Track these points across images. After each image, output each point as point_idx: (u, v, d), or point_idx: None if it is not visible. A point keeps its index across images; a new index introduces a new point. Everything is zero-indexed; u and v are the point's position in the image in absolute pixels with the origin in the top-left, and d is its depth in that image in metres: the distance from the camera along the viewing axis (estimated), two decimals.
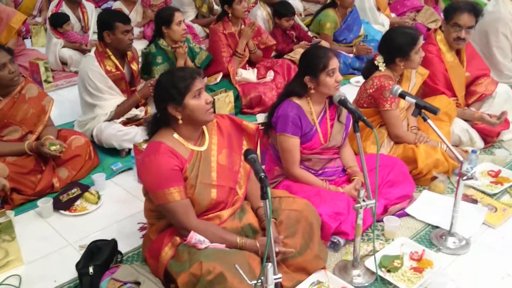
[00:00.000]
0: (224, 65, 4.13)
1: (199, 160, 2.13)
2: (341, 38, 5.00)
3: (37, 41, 6.08)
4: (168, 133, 2.12)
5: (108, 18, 3.34)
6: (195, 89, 2.05)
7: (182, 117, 2.07)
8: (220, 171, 2.17)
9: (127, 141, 3.34)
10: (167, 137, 2.11)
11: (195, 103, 2.05)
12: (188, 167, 2.09)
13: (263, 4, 4.90)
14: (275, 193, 2.34)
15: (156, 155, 2.04)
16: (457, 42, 3.24)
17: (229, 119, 2.32)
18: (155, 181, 2.04)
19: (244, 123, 2.33)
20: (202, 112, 2.07)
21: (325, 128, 2.61)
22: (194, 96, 2.05)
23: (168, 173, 2.03)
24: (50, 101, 3.13)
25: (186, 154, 2.11)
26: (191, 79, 2.05)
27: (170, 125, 2.13)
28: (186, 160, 2.10)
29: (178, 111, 2.06)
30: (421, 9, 5.89)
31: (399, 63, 2.94)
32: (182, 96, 2.04)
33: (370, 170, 2.56)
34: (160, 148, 2.05)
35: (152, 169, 2.04)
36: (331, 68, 2.46)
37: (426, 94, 3.33)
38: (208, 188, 2.12)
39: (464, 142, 3.27)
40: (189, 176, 2.09)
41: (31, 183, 2.92)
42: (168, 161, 2.04)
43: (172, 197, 2.03)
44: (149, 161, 2.05)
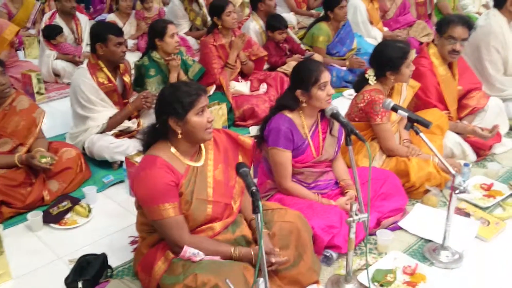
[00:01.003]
0: (216, 76, 4.13)
1: (195, 175, 2.11)
2: (334, 51, 5.02)
3: (30, 53, 6.08)
4: (165, 147, 2.10)
5: (101, 30, 3.33)
6: (199, 106, 2.03)
7: (182, 132, 2.05)
8: (216, 186, 2.15)
9: (119, 154, 3.32)
10: (164, 151, 2.08)
11: (197, 120, 2.03)
12: (183, 182, 2.06)
13: (256, 17, 4.93)
14: (267, 205, 2.33)
15: (152, 169, 2.01)
16: (452, 55, 3.26)
17: (225, 133, 2.30)
18: (150, 196, 2.01)
19: (241, 138, 2.31)
20: (202, 130, 2.05)
21: (317, 142, 2.60)
22: (197, 113, 2.02)
23: (163, 188, 2.00)
24: (41, 113, 3.11)
25: (182, 169, 2.09)
26: (196, 95, 2.03)
27: (168, 138, 2.11)
28: (182, 175, 2.07)
29: (179, 126, 2.03)
30: (414, 24, 5.93)
31: (390, 76, 2.95)
32: (185, 112, 2.01)
33: (363, 183, 2.55)
34: (156, 162, 2.02)
35: (147, 184, 2.01)
36: (323, 81, 2.46)
37: (419, 107, 3.34)
38: (204, 204, 2.10)
39: (456, 155, 3.28)
40: (184, 192, 2.06)
41: (21, 196, 2.89)
42: (164, 176, 2.01)
43: (166, 213, 2.00)
44: (144, 175, 2.02)
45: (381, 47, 3.06)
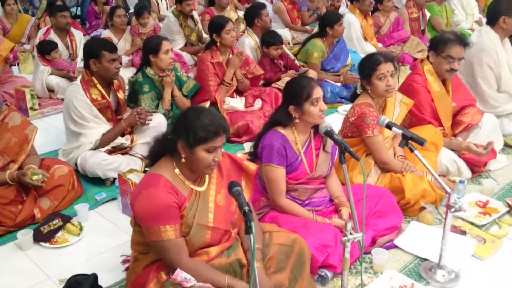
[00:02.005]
0: (211, 93, 4.12)
1: (198, 200, 2.07)
2: (329, 67, 5.04)
3: (24, 68, 6.06)
4: (169, 167, 2.05)
5: (94, 47, 3.32)
6: (212, 145, 1.98)
7: (186, 157, 2.01)
8: (217, 212, 2.10)
9: (112, 170, 3.29)
10: (168, 171, 2.04)
11: (204, 156, 1.98)
12: (187, 206, 2.02)
13: (251, 33, 4.94)
14: (264, 228, 2.30)
15: (156, 188, 1.96)
16: (450, 73, 3.28)
17: (229, 157, 2.25)
18: (151, 216, 1.95)
19: (245, 163, 2.26)
20: (204, 166, 2.01)
21: (310, 158, 2.59)
22: (208, 149, 1.98)
23: (165, 209, 1.95)
24: (33, 130, 3.08)
25: (185, 192, 2.04)
26: (214, 134, 1.96)
27: (173, 157, 2.06)
28: (185, 198, 2.03)
29: (185, 151, 1.99)
30: (408, 40, 5.97)
31: (366, 86, 2.98)
32: (195, 144, 1.95)
33: (357, 200, 2.53)
34: (160, 182, 1.98)
35: (149, 203, 1.95)
36: (315, 97, 2.45)
37: (413, 124, 3.33)
38: (204, 230, 2.05)
39: (451, 172, 3.27)
40: (186, 216, 2.02)
41: (12, 214, 2.84)
42: (167, 196, 1.96)
43: (166, 235, 1.95)
44: (147, 194, 1.96)
45: (361, 59, 3.14)
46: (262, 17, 4.91)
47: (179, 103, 3.92)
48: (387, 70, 2.89)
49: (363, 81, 2.99)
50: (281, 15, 7.17)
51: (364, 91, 3.03)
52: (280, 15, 7.15)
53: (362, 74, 2.99)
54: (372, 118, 2.87)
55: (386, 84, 2.90)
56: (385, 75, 2.89)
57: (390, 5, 5.96)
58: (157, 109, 3.75)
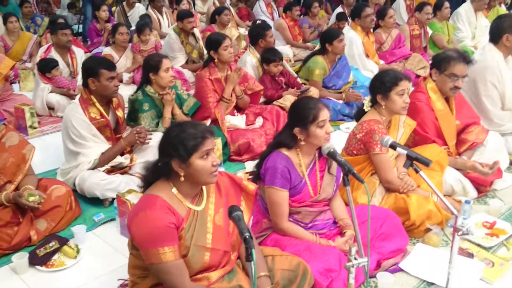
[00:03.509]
0: (211, 110, 4.08)
1: (196, 219, 2.01)
2: (330, 85, 5.00)
3: (25, 86, 6.04)
4: (166, 187, 2.00)
5: (93, 65, 3.29)
6: (204, 149, 1.94)
7: (185, 175, 1.95)
8: (216, 232, 2.04)
9: (111, 190, 3.23)
10: (165, 191, 1.98)
11: (201, 163, 1.94)
12: (184, 227, 1.96)
13: (253, 51, 4.91)
14: (266, 252, 2.24)
15: (152, 209, 1.91)
16: (454, 91, 3.25)
17: (228, 177, 2.21)
18: (149, 238, 1.89)
19: (244, 182, 2.21)
20: (206, 174, 1.96)
21: (314, 180, 2.52)
22: (202, 156, 1.93)
23: (163, 230, 1.89)
24: (31, 150, 3.02)
25: (183, 212, 1.99)
26: (202, 138, 1.94)
27: (170, 178, 2.01)
28: (183, 218, 1.97)
29: (182, 168, 1.94)
30: (410, 57, 5.94)
31: (381, 101, 2.92)
32: (189, 155, 1.92)
33: (362, 222, 2.47)
34: (156, 203, 1.92)
35: (146, 225, 1.89)
36: (322, 119, 2.40)
37: (417, 143, 3.28)
38: (202, 251, 1.99)
39: (457, 192, 3.20)
40: (184, 237, 1.96)
41: (7, 236, 2.78)
42: (164, 217, 1.90)
43: (165, 257, 1.89)
44: (144, 216, 1.90)
45: (377, 73, 3.13)
46: (267, 38, 4.89)
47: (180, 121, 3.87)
48: (407, 87, 2.89)
49: (379, 96, 2.92)
50: (283, 32, 7.18)
51: (372, 108, 2.99)
52: (282, 32, 7.15)
53: (380, 89, 2.91)
54: (380, 135, 2.82)
55: (404, 100, 2.88)
56: (404, 92, 2.88)
57: (392, 21, 5.95)
58: (157, 127, 3.71)
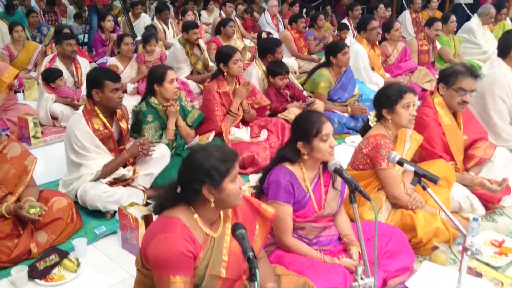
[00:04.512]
0: (217, 123, 4.06)
1: (212, 247, 1.95)
2: (336, 97, 4.97)
3: (29, 95, 6.05)
4: (188, 211, 1.93)
5: (97, 76, 3.26)
6: (234, 172, 1.90)
7: (215, 200, 1.90)
8: (231, 260, 1.97)
9: (113, 203, 3.19)
10: (186, 215, 1.92)
11: (232, 187, 1.89)
12: (201, 256, 1.90)
13: (259, 63, 4.89)
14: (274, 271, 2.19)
15: (172, 233, 1.84)
16: (462, 106, 3.21)
17: (245, 200, 2.13)
18: (163, 263, 1.83)
19: (263, 206, 2.16)
20: (236, 197, 1.92)
21: (319, 195, 2.48)
22: (232, 180, 1.89)
23: (179, 258, 1.83)
24: (33, 161, 2.99)
25: (201, 239, 1.92)
26: (232, 161, 1.90)
27: (191, 203, 1.94)
28: (200, 246, 1.91)
29: (212, 194, 1.88)
30: (416, 70, 5.91)
31: (387, 116, 2.89)
32: (222, 179, 1.87)
33: (367, 239, 2.41)
34: (177, 227, 1.86)
35: (163, 249, 1.83)
36: (325, 133, 2.36)
37: (424, 158, 3.24)
38: (215, 280, 1.93)
39: (464, 209, 3.14)
40: (199, 267, 1.90)
41: (7, 248, 2.73)
42: (182, 244, 1.83)
43: (175, 286, 1.82)
44: (163, 239, 1.83)
45: (382, 88, 3.10)
46: (276, 53, 4.86)
47: (183, 133, 3.85)
48: (412, 100, 2.86)
49: (384, 110, 2.89)
50: (288, 44, 7.16)
51: (378, 123, 2.95)
52: (287, 44, 7.13)
53: (385, 103, 2.88)
54: (387, 150, 2.78)
55: (410, 113, 2.85)
56: (410, 105, 2.85)
57: (398, 34, 5.93)
58: (160, 139, 3.67)
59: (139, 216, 2.79)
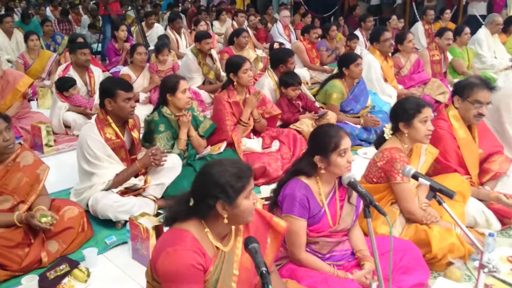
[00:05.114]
0: (228, 133, 4.05)
1: (223, 261, 1.93)
2: (348, 109, 4.93)
3: (43, 103, 6.09)
4: (199, 225, 1.91)
5: (110, 86, 3.28)
6: (249, 189, 1.88)
7: (228, 216, 1.87)
8: (241, 274, 1.95)
9: (124, 213, 3.18)
10: (197, 228, 1.90)
11: (246, 203, 1.87)
12: (211, 270, 1.88)
13: (271, 74, 4.88)
14: (287, 286, 2.16)
15: (182, 246, 1.83)
16: (477, 118, 3.17)
17: (257, 212, 2.10)
18: (173, 276, 1.81)
19: (274, 220, 2.13)
20: (249, 213, 1.90)
21: (334, 210, 2.44)
22: (246, 196, 1.88)
23: (189, 271, 1.81)
24: (45, 170, 2.99)
25: (211, 253, 1.91)
26: (247, 178, 1.88)
27: (203, 218, 1.92)
28: (211, 260, 1.89)
29: (226, 210, 1.86)
30: (429, 82, 5.86)
31: (403, 129, 2.85)
32: (236, 196, 1.85)
33: (382, 254, 2.37)
34: (187, 240, 1.85)
35: (173, 262, 1.81)
36: (343, 148, 2.33)
37: (438, 172, 3.19)
38: None
39: (479, 224, 3.08)
40: (210, 280, 1.88)
41: (18, 257, 2.72)
42: (193, 257, 1.82)
43: None
44: (173, 252, 1.82)
45: (399, 100, 3.07)
46: (288, 64, 4.86)
47: (195, 143, 3.84)
48: (429, 114, 2.84)
49: (401, 124, 2.86)
50: (300, 54, 7.16)
51: (394, 135, 2.92)
52: (299, 55, 7.13)
53: (403, 116, 2.85)
54: (402, 163, 2.74)
55: (427, 128, 2.82)
56: (427, 119, 2.82)
57: (411, 46, 5.89)
58: (172, 149, 3.67)
59: (150, 226, 2.78)
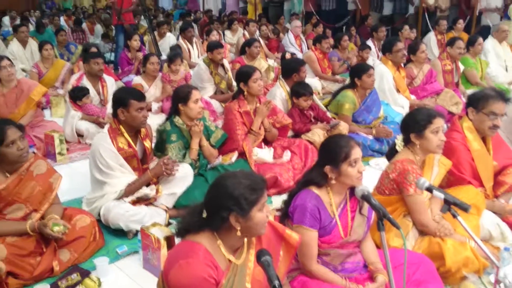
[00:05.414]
0: (239, 143, 4.05)
1: (235, 274, 1.91)
2: (360, 119, 4.91)
3: (56, 112, 6.16)
4: (211, 237, 1.91)
5: (123, 95, 3.31)
6: (263, 201, 1.88)
7: (241, 228, 1.87)
8: (254, 287, 1.94)
9: (135, 222, 3.18)
10: (209, 241, 1.90)
11: (260, 216, 1.87)
12: (223, 283, 1.87)
13: (283, 84, 4.89)
14: None
15: (195, 259, 1.82)
16: (492, 130, 3.15)
17: (270, 225, 2.09)
18: None
19: (287, 232, 2.12)
20: (262, 225, 1.90)
21: (345, 221, 2.42)
22: (260, 209, 1.87)
23: (201, 284, 1.80)
24: (58, 178, 3.01)
25: (223, 265, 1.90)
26: (261, 190, 1.88)
27: (216, 230, 1.92)
28: (223, 273, 1.88)
29: (239, 222, 1.86)
30: (442, 93, 5.82)
31: (415, 140, 2.83)
32: (250, 208, 1.84)
33: (394, 267, 2.33)
34: (199, 253, 1.84)
35: (185, 275, 1.81)
36: (354, 158, 2.32)
37: (452, 184, 3.16)
38: None
39: (494, 237, 3.03)
40: None
41: (30, 266, 2.74)
42: (205, 270, 1.82)
43: None
44: (185, 265, 1.82)
45: (409, 112, 3.06)
46: (300, 73, 4.88)
47: (207, 153, 3.84)
48: (441, 124, 2.82)
49: (412, 135, 2.84)
50: (312, 64, 7.16)
51: (405, 147, 2.90)
52: (311, 64, 7.13)
53: (414, 127, 2.83)
54: (415, 175, 2.72)
55: (439, 138, 2.79)
56: (439, 130, 2.80)
57: (423, 56, 5.86)
58: (184, 158, 3.67)
59: (162, 237, 2.78)
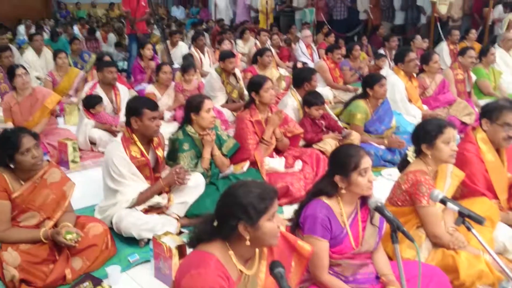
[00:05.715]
0: (250, 152, 4.05)
1: (246, 285, 1.92)
2: (372, 129, 4.89)
3: (69, 120, 6.22)
4: (223, 247, 1.92)
5: (136, 104, 3.33)
6: (273, 211, 1.88)
7: (250, 238, 1.87)
8: None
9: (147, 231, 3.18)
10: (221, 251, 1.90)
11: (269, 226, 1.87)
12: None
13: (295, 93, 4.89)
14: None
15: (207, 269, 1.82)
16: (507, 141, 3.12)
17: (282, 236, 2.09)
18: None
19: (299, 243, 2.12)
20: (273, 236, 1.89)
21: (356, 231, 2.41)
22: (269, 218, 1.87)
23: None
24: (71, 186, 3.04)
25: (235, 276, 1.90)
26: (270, 200, 1.88)
27: (227, 239, 1.92)
28: (234, 283, 1.88)
29: (248, 231, 1.86)
30: (455, 103, 5.78)
31: (426, 151, 2.81)
32: (258, 217, 1.85)
33: (407, 280, 2.30)
34: (211, 263, 1.85)
35: (197, 285, 1.80)
36: (363, 167, 2.32)
37: (465, 195, 3.13)
38: None
39: (509, 250, 2.99)
40: None
41: (43, 273, 2.76)
42: (216, 281, 1.81)
43: None
44: (197, 275, 1.82)
45: (420, 123, 3.04)
46: (312, 82, 4.89)
47: (219, 162, 3.85)
48: (452, 134, 2.80)
49: (424, 146, 2.82)
50: (323, 74, 7.16)
51: (417, 158, 2.88)
52: (322, 74, 7.14)
53: (425, 138, 2.82)
54: (428, 187, 2.70)
55: (451, 148, 2.78)
56: (450, 140, 2.78)
57: (436, 66, 5.84)
58: (196, 167, 3.69)
59: (173, 246, 2.78)
